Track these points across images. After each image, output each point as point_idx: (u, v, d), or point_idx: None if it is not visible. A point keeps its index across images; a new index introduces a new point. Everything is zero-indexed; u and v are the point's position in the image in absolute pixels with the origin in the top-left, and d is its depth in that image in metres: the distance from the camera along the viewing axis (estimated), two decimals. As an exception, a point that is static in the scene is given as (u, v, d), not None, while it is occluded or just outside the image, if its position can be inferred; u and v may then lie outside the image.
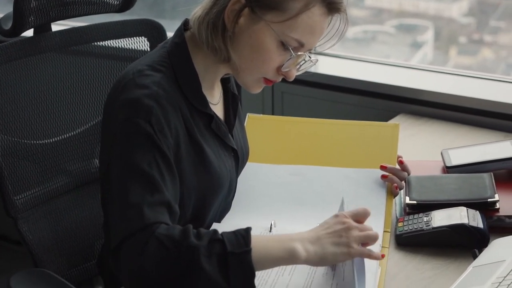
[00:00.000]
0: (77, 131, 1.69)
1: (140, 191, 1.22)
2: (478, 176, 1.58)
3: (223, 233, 1.20)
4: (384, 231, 1.47)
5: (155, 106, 1.29)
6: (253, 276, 1.17)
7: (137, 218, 1.19)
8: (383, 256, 1.25)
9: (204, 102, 1.40)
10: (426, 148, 1.93)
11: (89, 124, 1.71)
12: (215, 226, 1.44)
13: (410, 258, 1.41)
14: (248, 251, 1.17)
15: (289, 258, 1.21)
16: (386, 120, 2.06)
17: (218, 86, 1.48)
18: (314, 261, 1.22)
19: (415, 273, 1.35)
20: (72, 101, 1.69)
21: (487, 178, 1.57)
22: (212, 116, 1.41)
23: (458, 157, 1.72)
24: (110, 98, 1.39)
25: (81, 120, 1.70)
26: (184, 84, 1.37)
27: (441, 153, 1.76)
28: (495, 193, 1.51)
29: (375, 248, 1.35)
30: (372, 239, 1.25)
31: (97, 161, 1.70)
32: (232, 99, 1.51)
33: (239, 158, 1.53)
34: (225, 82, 1.50)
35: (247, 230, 1.20)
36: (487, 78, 2.26)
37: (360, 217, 1.27)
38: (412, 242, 1.44)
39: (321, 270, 1.30)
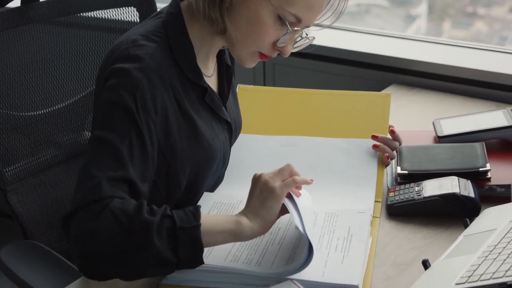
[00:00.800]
0: (66, 103, 1.67)
1: (104, 164, 1.22)
2: (470, 146, 1.58)
3: (174, 210, 1.20)
4: (375, 201, 1.47)
5: (144, 80, 1.28)
6: (201, 250, 1.18)
7: (94, 190, 1.18)
8: (311, 180, 1.28)
9: (199, 75, 1.38)
10: (418, 118, 1.92)
11: (79, 96, 1.70)
12: (207, 195, 1.43)
13: (401, 228, 1.41)
14: (197, 226, 1.18)
15: (235, 228, 1.21)
16: (379, 91, 2.05)
17: (212, 59, 1.46)
18: (259, 227, 1.22)
19: (406, 242, 1.35)
20: (61, 72, 1.67)
21: (478, 147, 1.57)
22: (206, 88, 1.40)
23: (450, 127, 1.71)
24: (102, 67, 1.37)
25: (71, 92, 1.69)
26: (179, 55, 1.35)
27: (433, 123, 1.76)
28: (487, 163, 1.51)
29: (366, 217, 1.36)
30: (292, 184, 1.26)
31: (88, 133, 1.69)
32: (226, 71, 1.50)
33: (232, 131, 1.52)
34: (219, 54, 1.49)
35: (197, 207, 1.22)
36: (479, 48, 2.25)
37: (283, 174, 1.28)
38: (403, 212, 1.44)
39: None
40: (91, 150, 1.25)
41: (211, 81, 1.45)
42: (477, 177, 1.49)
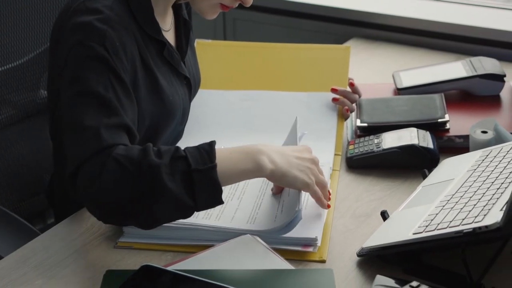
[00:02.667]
0: (20, 61, 1.63)
1: (96, 114, 1.17)
2: (429, 97, 1.58)
3: (186, 149, 1.15)
4: (335, 154, 1.47)
5: (109, 29, 1.24)
6: (220, 192, 1.14)
7: (94, 140, 1.14)
8: (329, 206, 1.24)
9: (157, 29, 1.36)
10: (379, 71, 1.92)
11: (33, 54, 1.65)
12: None
13: (361, 180, 1.41)
14: (213, 167, 1.13)
15: (256, 170, 1.18)
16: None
17: (170, 12, 1.43)
18: (277, 175, 1.19)
19: (366, 194, 1.36)
20: (14, 29, 1.62)
21: (437, 98, 1.57)
22: (164, 43, 1.38)
23: (409, 79, 1.71)
24: (58, 23, 1.34)
25: (24, 50, 1.64)
26: (137, 9, 1.32)
27: (393, 75, 1.75)
28: (446, 114, 1.51)
29: (325, 170, 1.36)
30: (325, 188, 1.24)
31: (44, 92, 1.65)
32: (184, 26, 1.47)
33: (191, 86, 1.50)
34: (177, 8, 1.46)
35: (211, 145, 1.16)
36: (439, 0, 2.24)
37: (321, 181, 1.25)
38: (363, 164, 1.44)
39: (269, 191, 1.30)
40: (72, 107, 1.20)
41: (169, 36, 1.43)
42: (436, 128, 1.49)
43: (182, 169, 1.13)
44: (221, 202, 1.15)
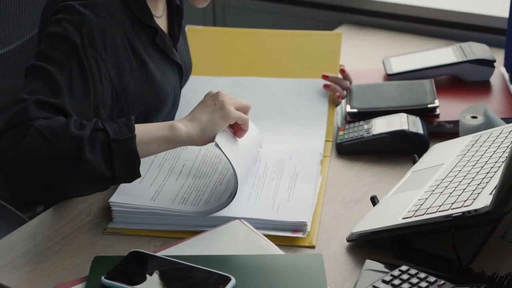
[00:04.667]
0: (7, 49, 1.62)
1: (37, 89, 1.18)
2: (419, 83, 1.57)
3: (106, 123, 1.17)
4: (326, 141, 1.46)
5: (91, 16, 1.24)
6: (138, 162, 1.16)
7: (22, 112, 1.15)
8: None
9: (149, 15, 1.35)
10: (369, 57, 1.91)
11: (20, 41, 1.64)
12: None
13: (351, 166, 1.40)
14: (132, 137, 1.15)
15: (172, 134, 1.19)
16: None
17: None
18: (196, 134, 1.21)
19: (356, 180, 1.35)
20: (1, 16, 1.61)
21: (427, 84, 1.56)
22: (156, 29, 1.37)
23: (399, 64, 1.71)
24: (46, 10, 1.33)
25: (12, 36, 1.63)
26: None
27: (383, 61, 1.75)
28: (436, 99, 1.51)
29: (315, 156, 1.35)
30: (244, 106, 1.27)
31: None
32: (176, 12, 1.46)
33: (183, 73, 1.49)
34: None
35: (129, 118, 1.18)
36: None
37: (240, 106, 1.28)
38: (353, 150, 1.43)
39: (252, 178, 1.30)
40: (25, 80, 1.21)
41: (161, 23, 1.42)
42: (426, 113, 1.49)
43: (101, 139, 1.14)
44: (139, 174, 1.17)
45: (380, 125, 1.44)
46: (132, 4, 1.32)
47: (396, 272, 1.00)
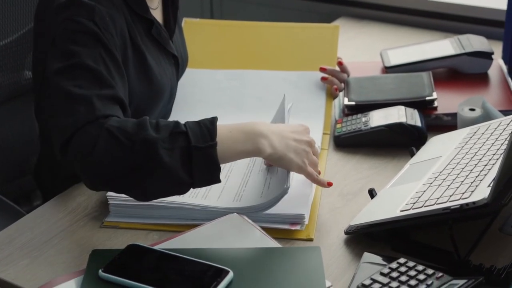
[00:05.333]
0: (4, 42, 1.61)
1: (88, 85, 1.15)
2: (417, 75, 1.57)
3: (187, 124, 1.14)
4: (323, 133, 1.46)
5: (97, 5, 1.23)
6: (218, 170, 1.13)
7: (86, 110, 1.12)
8: (329, 184, 1.23)
9: (144, 6, 1.34)
10: (367, 50, 1.91)
11: (17, 34, 1.63)
12: None
13: (349, 159, 1.40)
14: (214, 145, 1.12)
15: (254, 152, 1.17)
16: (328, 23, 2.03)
17: None
18: (274, 158, 1.18)
19: (353, 173, 1.35)
20: (-3, 9, 1.60)
21: (425, 76, 1.56)
22: (152, 21, 1.36)
23: (397, 57, 1.70)
24: (42, 3, 1.32)
25: (8, 30, 1.62)
26: None
27: (380, 54, 1.75)
28: (433, 91, 1.51)
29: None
30: (316, 167, 1.23)
31: (28, 72, 1.63)
32: (171, 4, 1.46)
33: (179, 65, 1.49)
34: None
35: (213, 121, 1.14)
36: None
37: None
38: (351, 143, 1.43)
39: (257, 167, 1.30)
40: (63, 80, 1.17)
41: (157, 14, 1.42)
42: (424, 106, 1.49)
43: (181, 145, 1.11)
44: (219, 181, 1.14)
45: (378, 118, 1.44)
46: None
47: (394, 265, 1.00)
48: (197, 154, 1.11)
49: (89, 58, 1.18)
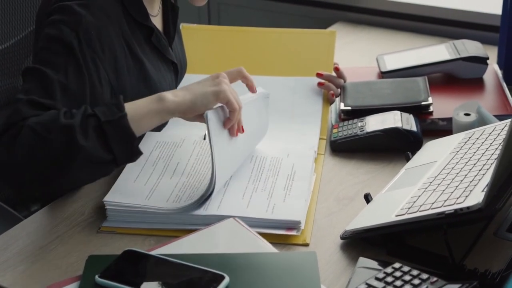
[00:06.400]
0: (2, 46, 1.61)
1: (31, 91, 1.19)
2: (412, 80, 1.58)
3: (95, 108, 1.18)
4: (320, 138, 1.47)
5: (88, 16, 1.24)
6: (135, 139, 1.17)
7: (14, 113, 1.16)
8: (236, 134, 1.24)
9: (145, 14, 1.35)
10: (363, 55, 1.91)
11: (15, 39, 1.64)
12: (149, 135, 1.40)
13: (345, 164, 1.41)
14: (123, 115, 1.16)
15: (160, 107, 1.19)
16: (324, 29, 2.04)
17: None
18: (185, 105, 1.20)
19: (350, 177, 1.36)
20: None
21: (421, 81, 1.57)
22: (152, 29, 1.37)
23: (393, 62, 1.71)
24: (42, 7, 1.33)
25: (6, 35, 1.62)
26: None
27: (377, 59, 1.75)
28: (429, 96, 1.51)
29: (309, 155, 1.36)
30: (237, 105, 1.23)
31: (26, 78, 1.64)
32: (172, 11, 1.46)
33: (178, 72, 1.49)
34: None
35: (118, 97, 1.19)
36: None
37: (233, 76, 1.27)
38: (347, 148, 1.44)
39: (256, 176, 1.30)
40: (22, 83, 1.22)
41: (156, 21, 1.42)
42: (419, 111, 1.49)
43: (93, 124, 1.15)
44: (139, 152, 1.18)
45: (374, 123, 1.44)
46: (129, 4, 1.32)
47: (389, 270, 1.01)
48: (110, 128, 1.15)
49: (51, 66, 1.21)
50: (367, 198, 1.24)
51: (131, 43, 1.32)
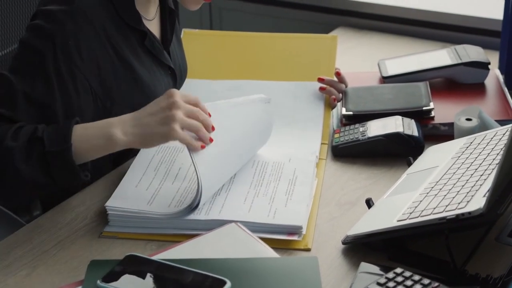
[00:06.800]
0: (2, 53, 1.62)
1: None
2: (414, 85, 1.58)
3: (46, 128, 1.19)
4: (321, 143, 1.47)
5: (69, 23, 1.25)
6: (76, 170, 1.18)
7: None
8: (202, 147, 1.19)
9: (137, 18, 1.35)
10: (365, 60, 1.92)
11: (3, 52, 1.63)
12: None
13: (346, 169, 1.41)
14: (67, 148, 1.17)
15: (108, 144, 1.20)
16: (326, 34, 2.04)
17: (154, 1, 1.43)
18: (136, 143, 1.20)
19: (351, 182, 1.36)
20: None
21: (422, 86, 1.57)
22: (145, 33, 1.37)
23: (395, 67, 1.71)
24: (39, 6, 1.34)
25: (4, 42, 1.62)
26: None
27: (378, 64, 1.75)
28: (430, 101, 1.51)
29: (311, 159, 1.36)
30: (195, 128, 1.19)
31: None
32: (169, 15, 1.47)
33: (176, 76, 1.50)
34: None
35: (69, 125, 1.19)
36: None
37: (192, 102, 1.22)
38: (348, 153, 1.44)
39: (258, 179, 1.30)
40: None
41: (153, 25, 1.42)
42: (421, 116, 1.49)
43: (38, 149, 1.17)
44: (81, 179, 1.20)
45: (376, 128, 1.44)
46: (120, 8, 1.33)
47: (390, 275, 1.01)
48: (53, 158, 1.17)
49: (20, 75, 1.22)
50: (369, 203, 1.24)
51: (119, 47, 1.32)
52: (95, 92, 1.29)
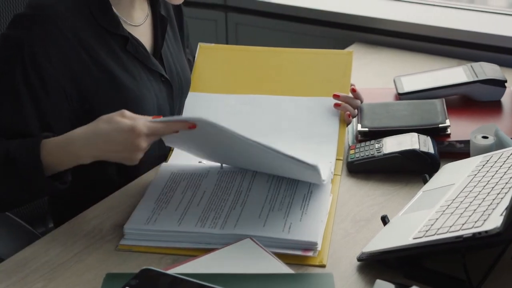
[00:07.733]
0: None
1: None
2: (430, 102, 1.58)
3: (17, 150, 1.23)
4: (336, 159, 1.47)
5: (37, 30, 1.27)
6: (50, 183, 1.24)
7: None
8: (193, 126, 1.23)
9: (115, 23, 1.37)
10: (380, 76, 1.92)
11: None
12: (164, 165, 1.42)
13: (362, 185, 1.41)
14: (38, 166, 1.22)
15: (74, 161, 1.25)
16: (341, 49, 2.05)
17: (141, 7, 1.45)
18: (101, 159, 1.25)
19: (366, 199, 1.36)
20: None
21: (438, 104, 1.57)
22: (127, 37, 1.38)
23: (411, 84, 1.71)
24: None
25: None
26: (93, 4, 1.34)
27: (394, 80, 1.76)
28: (446, 119, 1.51)
29: (326, 175, 1.35)
30: (161, 133, 1.23)
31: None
32: (160, 22, 1.48)
33: (171, 84, 1.50)
34: (153, 4, 1.48)
35: (37, 142, 1.23)
36: (441, 6, 2.25)
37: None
38: (364, 169, 1.44)
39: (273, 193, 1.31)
40: None
41: (140, 31, 1.44)
42: (437, 133, 1.49)
43: (12, 171, 1.23)
44: (58, 189, 1.26)
45: (391, 145, 1.44)
46: (96, 13, 1.35)
47: (406, 292, 1.01)
48: (27, 177, 1.23)
49: None
50: (384, 220, 1.24)
51: (94, 52, 1.34)
52: (69, 94, 1.32)
